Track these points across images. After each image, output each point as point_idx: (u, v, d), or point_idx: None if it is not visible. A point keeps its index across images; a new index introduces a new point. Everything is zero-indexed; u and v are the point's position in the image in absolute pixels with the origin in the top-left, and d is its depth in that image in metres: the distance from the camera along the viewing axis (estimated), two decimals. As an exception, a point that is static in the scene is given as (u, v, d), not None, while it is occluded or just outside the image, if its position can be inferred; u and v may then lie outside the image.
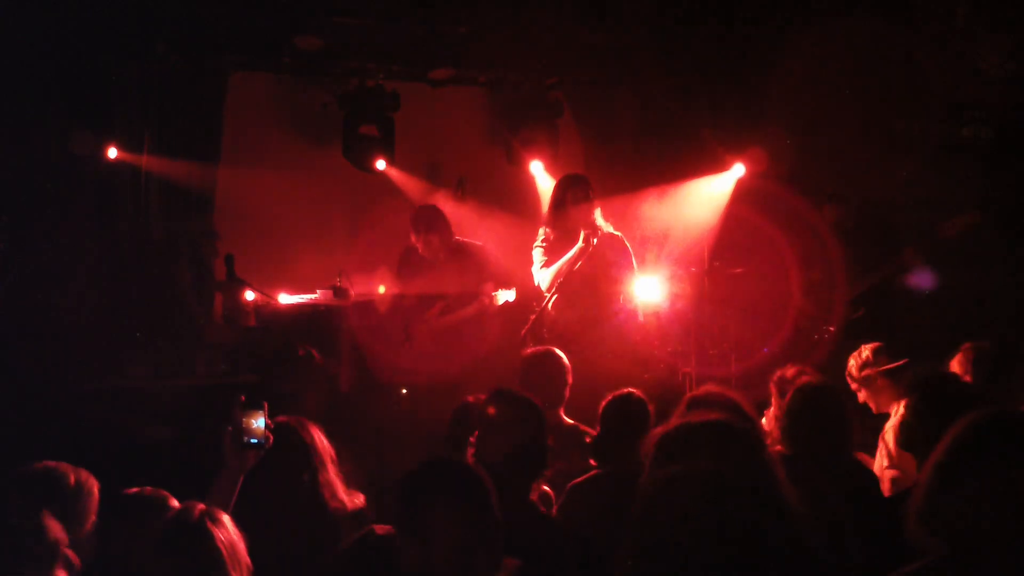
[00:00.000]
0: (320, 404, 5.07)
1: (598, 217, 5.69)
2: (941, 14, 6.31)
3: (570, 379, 4.57)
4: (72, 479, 2.87)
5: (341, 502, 3.22)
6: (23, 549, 2.40)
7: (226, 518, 2.49)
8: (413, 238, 6.48)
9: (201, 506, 2.48)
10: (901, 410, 4.37)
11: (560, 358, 4.61)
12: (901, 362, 4.57)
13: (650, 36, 7.44)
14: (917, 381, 3.53)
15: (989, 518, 1.94)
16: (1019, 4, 6.21)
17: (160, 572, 2.41)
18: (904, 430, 3.43)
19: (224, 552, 2.39)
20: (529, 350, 4.77)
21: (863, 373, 4.64)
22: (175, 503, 2.84)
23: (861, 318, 6.42)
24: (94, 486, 2.92)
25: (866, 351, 4.67)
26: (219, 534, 2.41)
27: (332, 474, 3.25)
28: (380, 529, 2.67)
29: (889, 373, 4.55)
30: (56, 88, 6.50)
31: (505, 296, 6.15)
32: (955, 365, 4.29)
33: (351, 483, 3.36)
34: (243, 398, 2.95)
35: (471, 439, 3.28)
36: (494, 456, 3.07)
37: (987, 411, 2.10)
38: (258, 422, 2.94)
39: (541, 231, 5.93)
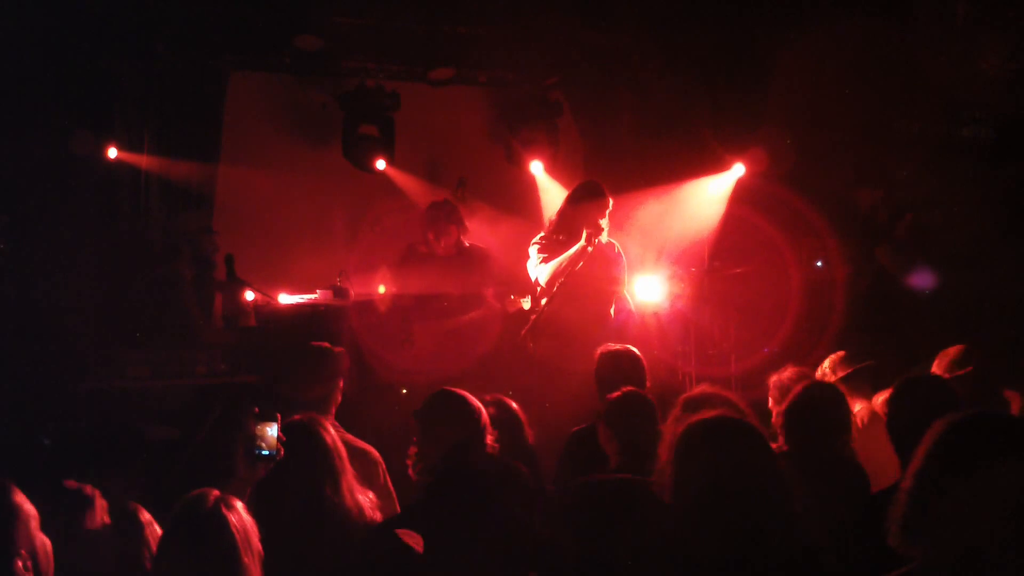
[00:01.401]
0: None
1: (606, 222, 5.68)
2: (941, 14, 6.30)
3: (649, 381, 4.52)
4: None
5: (357, 502, 3.22)
6: None
7: (239, 505, 2.51)
8: (431, 232, 6.46)
9: (216, 492, 2.50)
10: (855, 409, 4.40)
11: (639, 357, 4.57)
12: (853, 368, 4.57)
13: (650, 36, 7.44)
14: (900, 384, 3.53)
15: (970, 522, 1.94)
16: (1019, 4, 6.21)
17: (175, 556, 2.43)
18: (891, 433, 3.43)
19: (238, 537, 2.42)
20: (604, 348, 4.71)
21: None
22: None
23: (860, 319, 6.43)
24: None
25: (827, 361, 4.68)
26: (233, 519, 2.44)
27: (351, 475, 3.25)
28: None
29: (845, 380, 4.54)
30: (56, 88, 6.50)
31: (523, 303, 6.13)
32: (936, 368, 4.30)
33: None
34: (256, 409, 2.94)
35: (413, 438, 3.30)
36: (435, 456, 3.09)
37: (962, 414, 2.09)
38: (271, 433, 2.92)
39: (545, 230, 5.93)
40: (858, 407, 4.45)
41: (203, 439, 3.18)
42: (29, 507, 2.50)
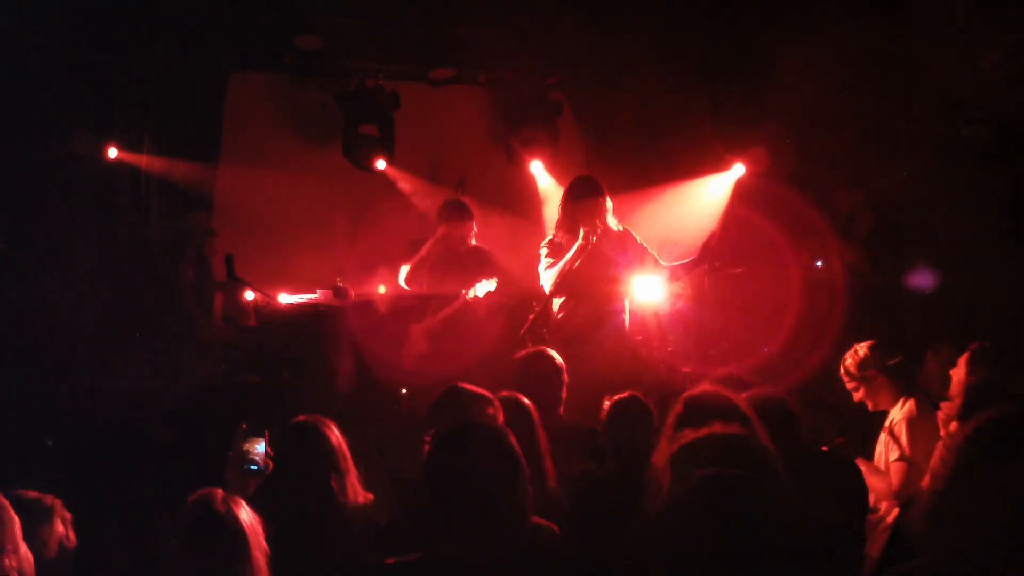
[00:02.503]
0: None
1: (608, 216, 5.67)
2: (941, 14, 6.30)
3: (566, 378, 4.56)
4: None
5: (361, 503, 3.22)
6: None
7: (244, 503, 2.53)
8: (445, 227, 6.45)
9: (220, 492, 2.51)
10: (908, 405, 4.41)
11: (553, 358, 4.60)
12: (898, 359, 4.58)
13: (650, 36, 7.45)
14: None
15: (995, 517, 1.95)
16: (1019, 4, 6.21)
17: (186, 552, 2.45)
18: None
19: (248, 533, 2.45)
20: (521, 352, 4.75)
21: (863, 372, 4.65)
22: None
23: (862, 319, 6.44)
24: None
25: (862, 349, 4.67)
26: (242, 515, 2.48)
27: (355, 476, 3.25)
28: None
29: (887, 370, 4.56)
30: (56, 88, 6.50)
31: (485, 287, 6.14)
32: (961, 365, 4.29)
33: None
34: (244, 426, 2.96)
35: (426, 437, 3.29)
36: None
37: (996, 412, 2.10)
38: (259, 449, 2.95)
39: (551, 232, 5.92)
40: (900, 398, 4.48)
41: (194, 456, 3.20)
42: (12, 513, 2.50)
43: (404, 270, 6.54)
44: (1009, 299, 6.06)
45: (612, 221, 5.68)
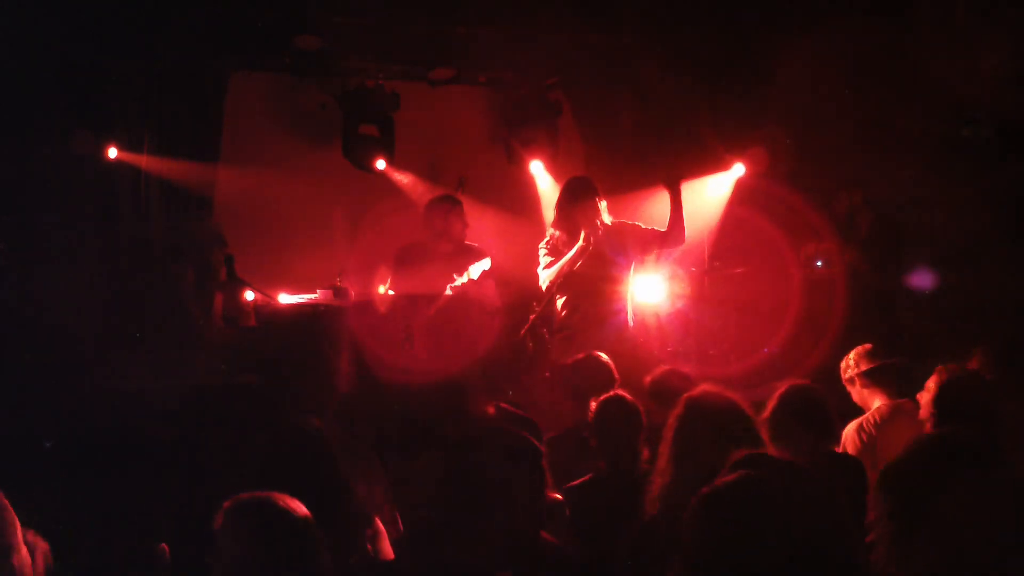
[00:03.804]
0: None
1: (603, 214, 5.67)
2: (941, 14, 6.31)
3: (618, 378, 4.53)
4: None
5: (356, 502, 3.22)
6: None
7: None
8: (439, 226, 6.46)
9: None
10: (873, 409, 4.40)
11: (606, 361, 4.59)
12: (879, 363, 4.55)
13: (650, 36, 7.45)
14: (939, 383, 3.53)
15: (942, 540, 1.95)
16: (1019, 4, 6.21)
17: (252, 556, 2.36)
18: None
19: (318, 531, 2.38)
20: (572, 359, 4.75)
21: (846, 375, 4.65)
22: None
23: (861, 319, 6.44)
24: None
25: (854, 353, 4.67)
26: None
27: (348, 476, 3.24)
28: None
29: (867, 374, 4.53)
30: (56, 88, 6.50)
31: (479, 268, 6.12)
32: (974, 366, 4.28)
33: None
34: None
35: None
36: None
37: (927, 436, 2.11)
38: None
39: (548, 232, 5.93)
40: (877, 402, 4.45)
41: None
42: (13, 514, 2.46)
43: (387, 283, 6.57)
44: (1009, 299, 6.06)
45: (607, 219, 5.70)
